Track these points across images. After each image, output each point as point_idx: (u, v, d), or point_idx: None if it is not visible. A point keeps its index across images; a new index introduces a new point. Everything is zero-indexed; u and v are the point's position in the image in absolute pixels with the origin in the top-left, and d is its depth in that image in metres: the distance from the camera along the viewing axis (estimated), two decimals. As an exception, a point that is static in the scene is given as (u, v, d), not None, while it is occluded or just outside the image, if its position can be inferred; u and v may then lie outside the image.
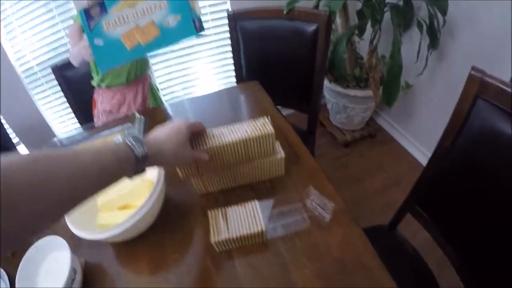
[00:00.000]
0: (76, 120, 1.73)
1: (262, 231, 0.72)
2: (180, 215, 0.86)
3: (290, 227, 0.78)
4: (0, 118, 1.65)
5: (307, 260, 0.71)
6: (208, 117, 1.26)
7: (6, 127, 1.97)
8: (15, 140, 2.08)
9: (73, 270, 0.70)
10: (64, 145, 1.25)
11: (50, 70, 1.56)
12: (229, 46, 1.66)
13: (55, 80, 1.58)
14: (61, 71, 1.55)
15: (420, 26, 1.63)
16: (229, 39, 1.62)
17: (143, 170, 0.63)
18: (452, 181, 0.90)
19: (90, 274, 0.77)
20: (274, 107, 1.23)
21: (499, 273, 0.80)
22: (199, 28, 0.89)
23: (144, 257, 0.78)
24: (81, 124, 1.70)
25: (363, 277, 0.67)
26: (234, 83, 1.75)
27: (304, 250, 0.73)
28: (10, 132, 2.05)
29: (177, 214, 0.86)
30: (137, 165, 0.60)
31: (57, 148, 0.47)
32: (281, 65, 1.56)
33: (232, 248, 0.76)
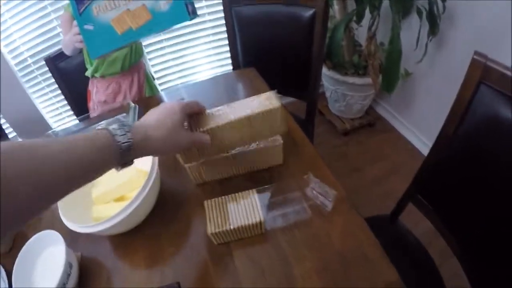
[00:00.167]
0: (72, 112, 1.71)
1: (261, 222, 0.70)
2: (176, 206, 0.84)
3: (290, 217, 0.77)
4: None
5: (308, 252, 0.69)
6: (204, 103, 1.23)
7: (2, 122, 1.96)
8: (12, 135, 2.06)
9: (69, 265, 0.68)
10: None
11: (44, 62, 1.54)
12: (225, 33, 1.63)
13: (49, 72, 1.56)
14: (55, 62, 1.53)
15: (420, 13, 1.60)
16: (225, 25, 1.59)
17: (131, 161, 0.56)
18: (455, 170, 0.88)
19: (87, 268, 0.75)
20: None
21: (502, 263, 0.78)
22: (192, 12, 0.86)
23: (141, 250, 0.77)
24: (77, 117, 1.67)
25: (366, 269, 0.65)
26: (231, 71, 1.73)
27: (305, 241, 0.71)
28: (7, 127, 2.03)
29: (173, 205, 0.85)
30: (122, 156, 0.53)
31: (28, 140, 0.42)
32: (278, 51, 1.54)
33: (230, 240, 0.74)
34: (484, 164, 0.78)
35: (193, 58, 2.26)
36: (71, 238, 0.78)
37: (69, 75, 1.59)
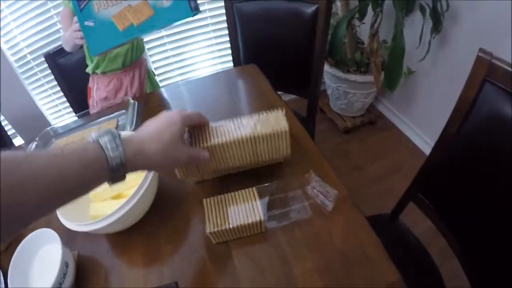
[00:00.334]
0: (71, 109, 1.70)
1: (261, 221, 0.69)
2: (175, 204, 0.83)
3: (290, 217, 0.75)
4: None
5: (308, 252, 0.68)
6: (205, 100, 1.24)
7: (1, 119, 1.95)
8: (11, 132, 2.05)
9: (65, 264, 0.67)
10: (58, 134, 1.22)
11: (43, 59, 1.53)
12: (226, 29, 1.62)
13: (49, 69, 1.55)
14: (54, 59, 1.52)
15: (423, 10, 1.58)
16: (226, 22, 1.57)
17: (123, 177, 0.52)
18: (457, 168, 0.87)
19: (84, 267, 0.74)
20: (273, 90, 1.20)
21: (502, 263, 0.77)
22: (195, 8, 0.84)
23: (139, 249, 0.76)
24: (76, 113, 1.66)
25: (367, 269, 0.64)
26: (232, 67, 1.71)
27: (305, 241, 0.70)
28: (6, 124, 2.02)
29: (172, 203, 0.84)
30: (112, 171, 0.49)
31: (11, 152, 0.38)
32: (280, 48, 1.52)
33: (229, 239, 0.73)
34: (487, 163, 0.77)
35: (194, 55, 2.25)
36: (68, 237, 0.77)
37: (69, 72, 1.58)
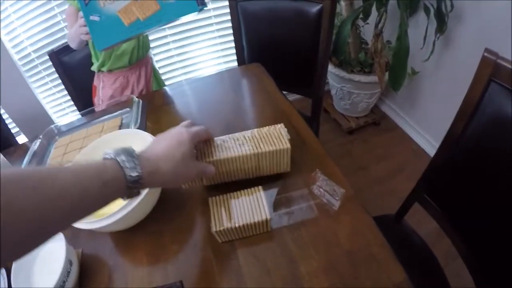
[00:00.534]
0: (75, 107, 1.70)
1: (267, 220, 0.68)
2: (180, 202, 0.83)
3: (296, 216, 0.75)
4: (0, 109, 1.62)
5: (314, 251, 0.67)
6: (209, 100, 1.24)
7: (5, 117, 1.95)
8: (15, 130, 2.05)
9: (69, 262, 0.67)
10: (62, 132, 1.22)
11: (47, 57, 1.52)
12: (230, 29, 1.61)
13: (53, 67, 1.54)
14: (59, 57, 1.52)
15: (427, 10, 1.58)
16: (230, 21, 1.57)
17: (138, 193, 0.54)
18: (463, 169, 0.87)
19: (87, 265, 0.74)
20: (278, 90, 1.19)
21: (508, 264, 0.77)
22: (201, 3, 0.84)
23: (143, 247, 0.75)
24: (79, 112, 1.66)
25: (374, 269, 0.63)
26: (236, 66, 1.70)
27: (312, 240, 0.70)
28: (10, 122, 2.02)
29: (177, 201, 0.83)
30: (130, 189, 0.51)
31: (34, 168, 0.40)
32: (284, 47, 1.52)
33: (235, 238, 0.72)
34: (493, 163, 0.76)
35: (198, 54, 2.24)
36: (72, 234, 0.77)
37: (73, 70, 1.57)
